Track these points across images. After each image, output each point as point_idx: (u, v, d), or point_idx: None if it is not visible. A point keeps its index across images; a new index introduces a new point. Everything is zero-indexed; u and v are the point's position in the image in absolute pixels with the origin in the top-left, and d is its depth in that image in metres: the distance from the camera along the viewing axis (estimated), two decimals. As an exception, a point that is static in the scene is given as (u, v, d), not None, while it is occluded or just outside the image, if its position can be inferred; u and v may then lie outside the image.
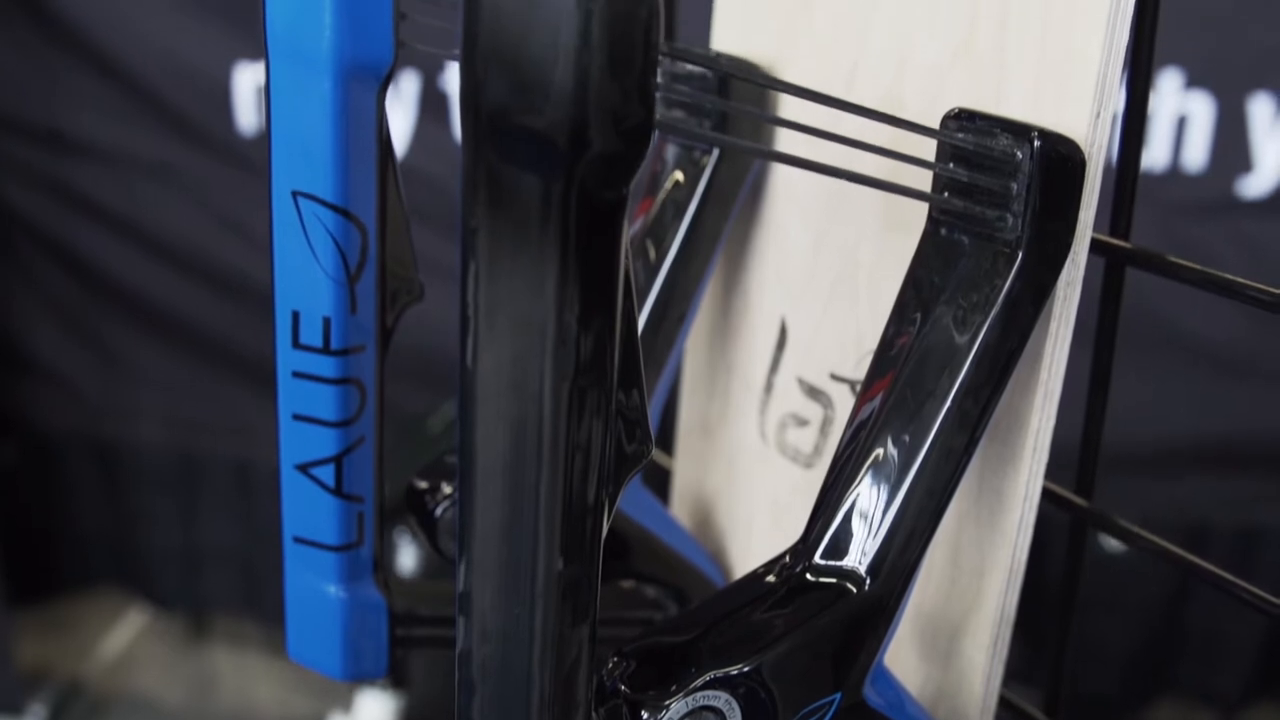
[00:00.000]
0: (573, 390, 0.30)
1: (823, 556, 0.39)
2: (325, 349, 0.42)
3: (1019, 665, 0.47)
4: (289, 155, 0.41)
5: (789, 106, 0.47)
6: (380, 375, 0.44)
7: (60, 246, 1.52)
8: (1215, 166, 1.33)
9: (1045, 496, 0.43)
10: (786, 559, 0.39)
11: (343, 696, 1.46)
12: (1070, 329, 0.40)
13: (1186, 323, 1.33)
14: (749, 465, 0.53)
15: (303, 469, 0.44)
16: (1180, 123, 1.33)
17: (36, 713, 1.52)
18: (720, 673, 0.36)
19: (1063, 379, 0.40)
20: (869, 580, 0.38)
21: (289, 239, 0.42)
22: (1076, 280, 0.39)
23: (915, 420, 0.38)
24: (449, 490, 0.47)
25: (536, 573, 0.31)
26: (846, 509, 0.39)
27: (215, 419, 1.55)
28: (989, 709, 0.44)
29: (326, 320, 0.42)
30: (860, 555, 0.38)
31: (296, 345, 0.43)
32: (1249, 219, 1.35)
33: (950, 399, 0.38)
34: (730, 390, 0.53)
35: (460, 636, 0.33)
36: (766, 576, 0.39)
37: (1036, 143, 0.37)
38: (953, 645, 0.45)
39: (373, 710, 1.43)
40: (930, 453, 0.38)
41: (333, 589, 0.45)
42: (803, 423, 0.49)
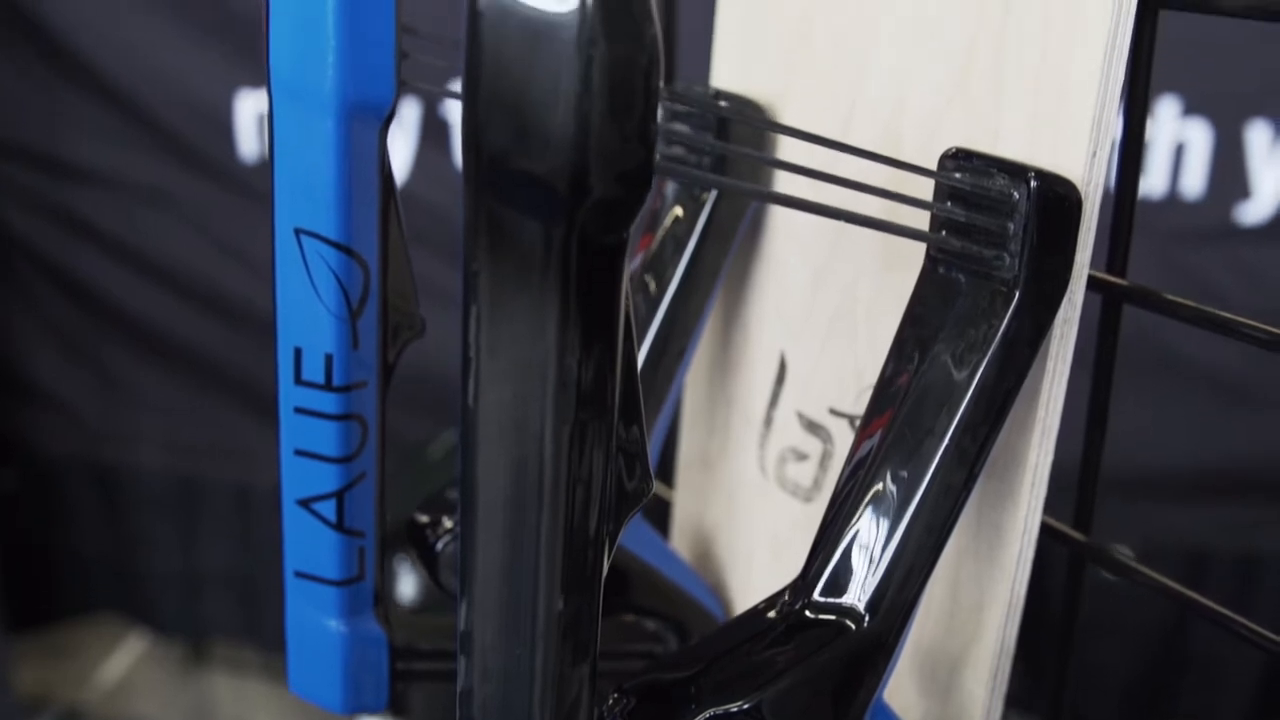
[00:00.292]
0: (573, 432, 0.30)
1: (822, 593, 0.39)
2: (327, 385, 0.43)
3: (1019, 692, 0.47)
4: (292, 193, 0.41)
5: (788, 144, 0.48)
6: (382, 411, 0.44)
7: (61, 271, 1.53)
8: (1213, 193, 1.34)
9: (1044, 531, 0.43)
10: (786, 595, 0.39)
11: (342, 726, 1.46)
12: (1067, 366, 0.40)
13: (1185, 348, 1.33)
14: (749, 499, 0.53)
15: (304, 504, 0.44)
16: (1178, 150, 1.34)
17: (35, 739, 1.52)
18: (720, 710, 0.36)
19: (1060, 415, 0.41)
20: (868, 617, 0.38)
21: (292, 276, 0.42)
22: (1073, 319, 0.39)
23: (914, 457, 0.38)
24: (450, 524, 0.47)
25: (537, 613, 0.32)
26: (845, 546, 0.39)
27: (215, 444, 1.55)
28: (989, 743, 0.44)
29: (329, 357, 0.42)
30: (859, 592, 0.38)
31: (299, 381, 0.43)
32: (1247, 246, 1.35)
33: (948, 436, 0.38)
34: (730, 424, 0.54)
35: (461, 675, 0.33)
36: (766, 613, 0.39)
37: (1033, 183, 0.37)
38: (952, 679, 0.45)
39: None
40: (929, 490, 0.38)
41: (334, 623, 0.46)
42: (802, 457, 0.50)
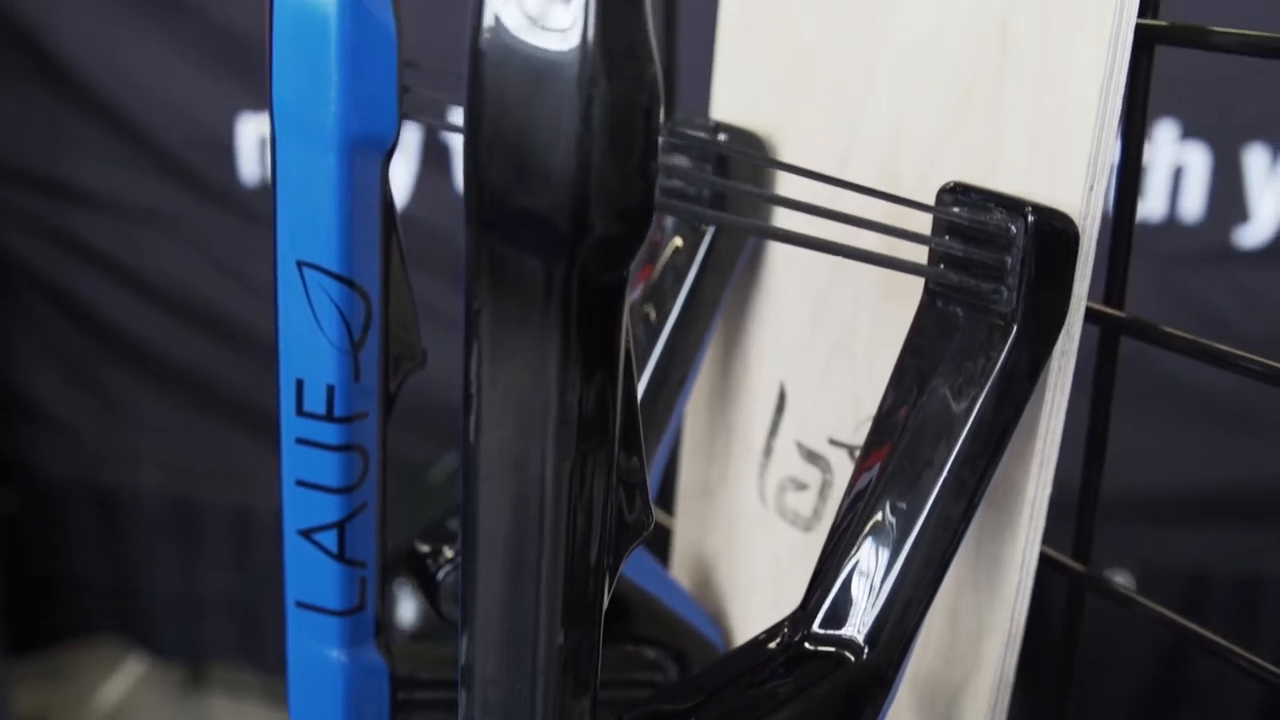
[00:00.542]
0: (574, 468, 0.30)
1: (821, 625, 0.39)
2: (329, 416, 0.43)
3: (1020, 715, 0.47)
4: (294, 226, 0.42)
5: (787, 177, 0.48)
6: (383, 441, 0.44)
7: (61, 293, 1.53)
8: (1212, 217, 1.34)
9: (1043, 561, 0.43)
10: (786, 627, 0.40)
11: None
12: (1065, 398, 0.40)
13: (1185, 372, 1.33)
14: (749, 527, 0.53)
15: (306, 535, 0.44)
16: (1176, 173, 1.34)
17: (34, 762, 1.52)
18: (720, 743, 0.36)
19: (1059, 446, 0.41)
20: (867, 649, 0.38)
21: (294, 308, 0.42)
22: (1071, 351, 0.39)
23: (913, 490, 0.39)
24: (450, 554, 0.47)
25: (538, 647, 0.32)
26: (845, 578, 0.39)
27: (215, 466, 1.55)
28: (988, 774, 0.44)
29: (330, 388, 0.43)
30: (859, 624, 0.38)
31: (300, 413, 0.43)
32: (1246, 269, 1.36)
33: (947, 469, 0.38)
34: (730, 453, 0.54)
35: (462, 708, 0.33)
36: (766, 644, 0.39)
37: (1030, 218, 0.37)
38: (951, 710, 0.45)
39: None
40: (928, 522, 0.38)
41: (335, 653, 0.46)
42: (802, 486, 0.50)
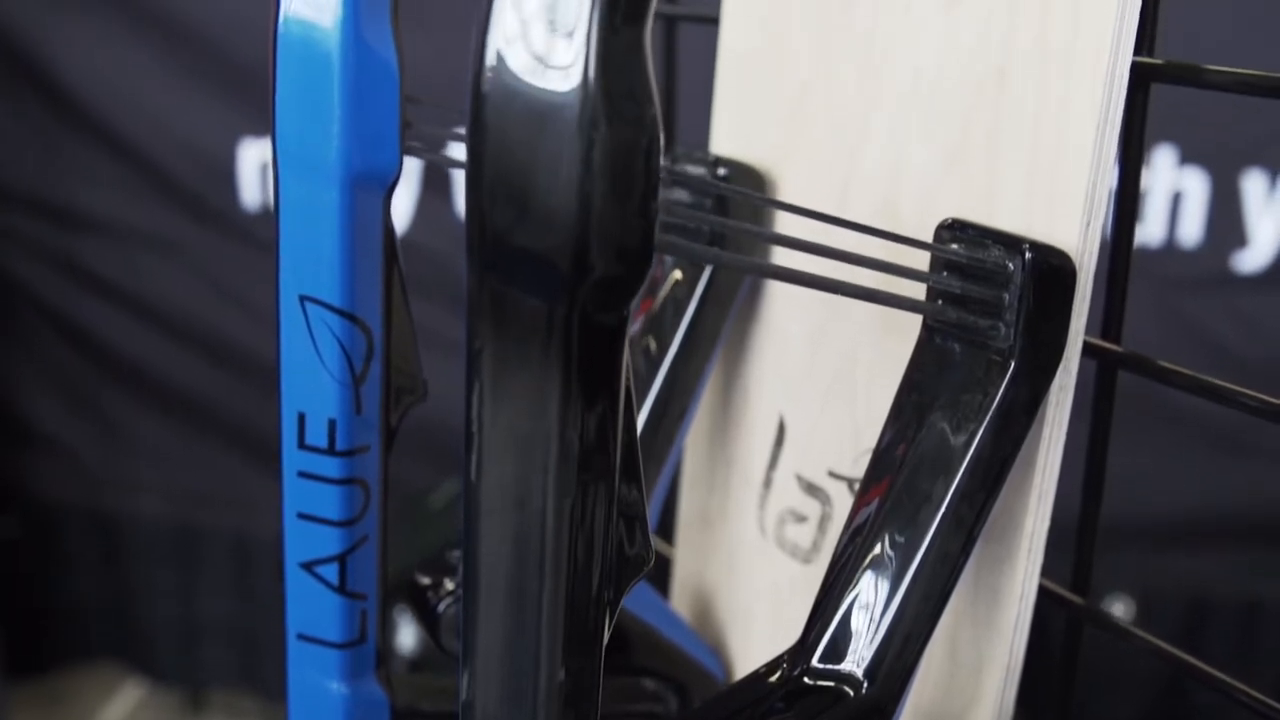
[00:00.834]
0: (575, 506, 0.30)
1: (821, 659, 0.39)
2: (330, 450, 0.43)
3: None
4: (297, 261, 0.42)
5: (786, 214, 0.48)
6: (384, 474, 0.44)
7: (63, 318, 1.54)
8: (1210, 242, 1.35)
9: (1041, 593, 0.43)
10: (785, 661, 0.40)
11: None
12: (1063, 433, 0.40)
13: (1183, 396, 1.33)
14: (749, 558, 0.53)
15: (307, 567, 0.44)
16: (1175, 199, 1.34)
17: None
18: (720, 778, 0.36)
19: (1056, 480, 0.41)
20: (867, 683, 0.38)
21: (296, 342, 0.42)
22: (1069, 386, 0.40)
23: (911, 525, 0.39)
24: (451, 586, 0.48)
25: (539, 684, 0.32)
26: (844, 612, 0.39)
27: (215, 492, 1.55)
28: (988, 806, 0.44)
29: (332, 422, 0.43)
30: (858, 658, 0.39)
31: (302, 446, 0.43)
32: (1245, 294, 1.36)
33: (946, 504, 0.38)
34: (730, 485, 0.54)
35: (463, 745, 0.33)
36: (767, 678, 0.40)
37: (1028, 255, 0.37)
38: (951, 742, 0.45)
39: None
40: (926, 557, 0.38)
41: (335, 685, 0.46)
42: (801, 518, 0.50)
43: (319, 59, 0.40)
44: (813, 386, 0.49)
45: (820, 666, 0.39)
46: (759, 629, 0.53)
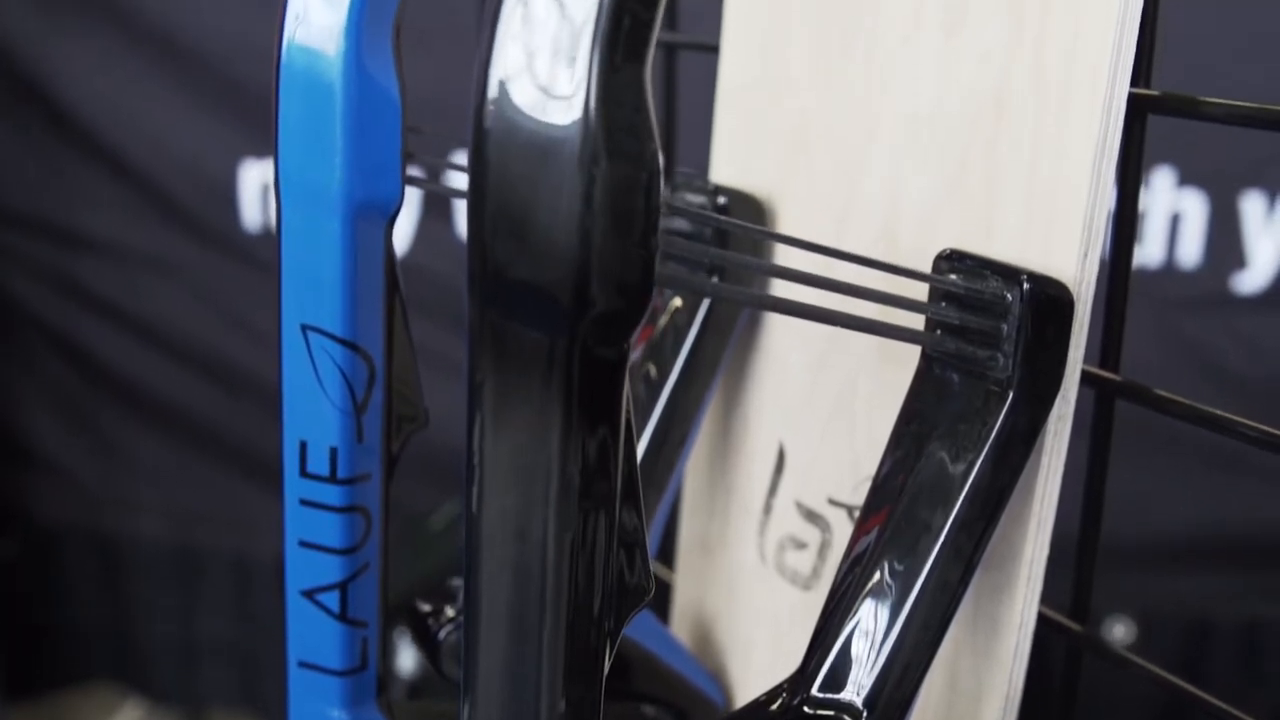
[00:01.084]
0: (575, 538, 0.31)
1: (820, 689, 0.39)
2: (332, 478, 0.43)
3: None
4: (299, 290, 0.42)
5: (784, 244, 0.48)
6: (385, 502, 0.45)
7: (63, 339, 1.54)
8: (1210, 263, 1.35)
9: (1040, 621, 0.43)
10: (785, 690, 0.40)
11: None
12: (1062, 462, 0.40)
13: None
14: (749, 585, 0.53)
15: (308, 595, 0.44)
16: (1174, 220, 1.35)
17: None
18: (720, 808, 0.36)
19: (1055, 509, 0.41)
20: (866, 713, 0.38)
21: (298, 371, 0.42)
22: (1067, 415, 0.40)
23: (911, 554, 0.39)
24: (452, 613, 0.48)
25: (540, 713, 0.32)
26: (844, 641, 0.39)
27: (215, 512, 1.55)
28: (988, 835, 0.44)
29: (333, 450, 0.43)
30: (857, 688, 0.39)
31: (304, 474, 0.43)
32: (1244, 314, 1.36)
33: (945, 533, 0.38)
34: (730, 511, 0.54)
35: (464, 774, 0.33)
36: (766, 706, 0.40)
37: (1025, 285, 0.38)
38: (951, 770, 0.45)
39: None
40: (925, 587, 0.39)
41: (336, 713, 0.46)
42: (801, 545, 0.50)
43: (321, 89, 0.40)
44: (812, 414, 0.49)
45: (820, 695, 0.39)
46: (759, 655, 0.53)
